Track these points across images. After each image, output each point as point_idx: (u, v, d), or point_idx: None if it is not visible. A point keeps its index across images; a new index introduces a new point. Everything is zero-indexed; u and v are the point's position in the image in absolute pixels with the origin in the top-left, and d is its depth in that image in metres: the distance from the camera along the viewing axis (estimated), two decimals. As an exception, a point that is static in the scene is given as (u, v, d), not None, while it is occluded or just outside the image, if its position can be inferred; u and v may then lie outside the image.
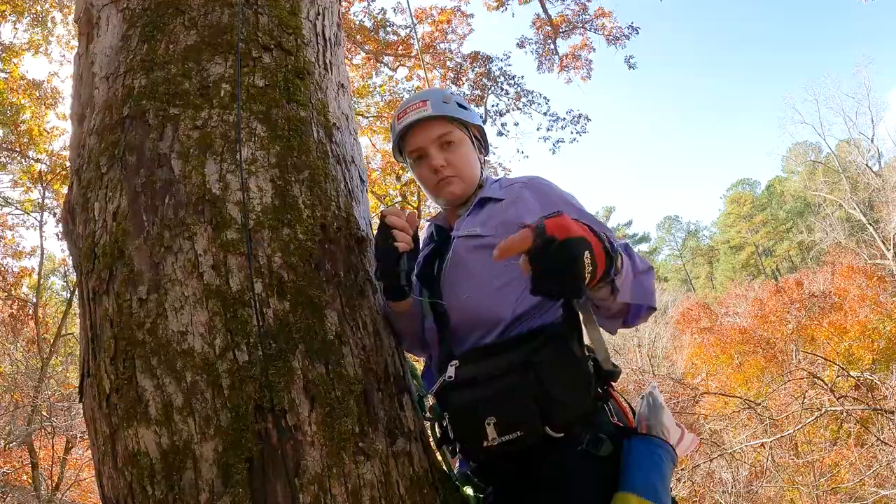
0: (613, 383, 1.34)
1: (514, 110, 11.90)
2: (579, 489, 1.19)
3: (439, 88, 1.53)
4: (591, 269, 1.01)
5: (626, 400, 1.38)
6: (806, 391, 9.10)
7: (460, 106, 1.54)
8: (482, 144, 1.62)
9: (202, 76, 1.33)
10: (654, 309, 1.27)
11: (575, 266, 0.98)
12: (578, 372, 1.22)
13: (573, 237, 0.99)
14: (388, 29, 11.22)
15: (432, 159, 1.49)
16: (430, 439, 1.31)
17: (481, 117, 1.61)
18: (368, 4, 11.19)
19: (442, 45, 11.72)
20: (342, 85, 1.62)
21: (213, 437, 1.03)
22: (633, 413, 1.36)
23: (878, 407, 8.85)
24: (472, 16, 11.85)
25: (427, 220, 1.72)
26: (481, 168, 1.58)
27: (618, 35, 11.29)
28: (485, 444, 1.17)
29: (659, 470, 1.19)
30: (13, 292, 11.33)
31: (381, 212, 1.37)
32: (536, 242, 0.98)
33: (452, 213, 1.59)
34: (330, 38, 1.61)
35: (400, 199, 11.92)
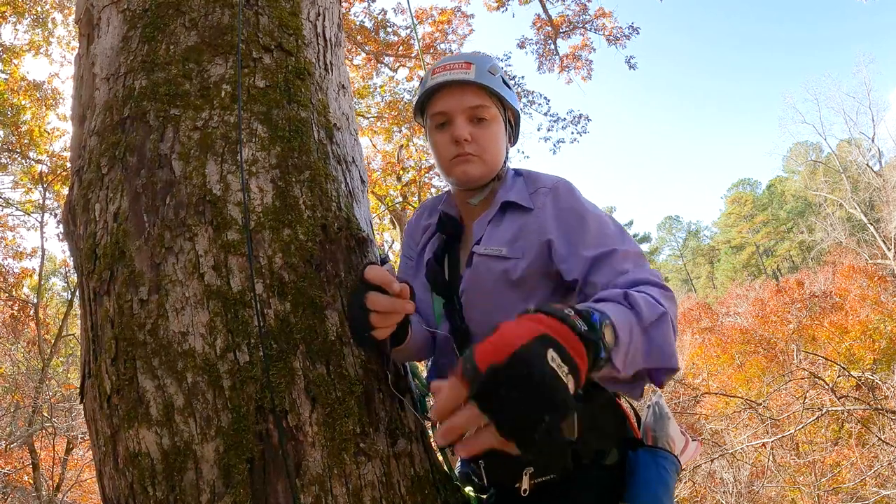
0: None
1: (514, 110, 11.88)
2: (583, 497, 1.19)
3: (489, 56, 1.49)
4: (567, 369, 0.69)
5: (631, 405, 1.37)
6: (807, 391, 9.09)
7: (505, 84, 1.36)
8: (513, 133, 1.43)
9: (203, 77, 1.33)
10: (675, 370, 0.96)
11: (538, 387, 0.66)
12: (611, 415, 1.21)
13: (521, 347, 0.68)
14: (389, 29, 11.24)
15: (457, 129, 1.30)
16: (431, 439, 1.31)
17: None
18: (369, 5, 11.20)
19: (442, 46, 11.73)
20: (343, 85, 1.62)
21: (214, 437, 1.03)
22: (638, 421, 1.36)
23: (880, 407, 8.84)
24: (472, 16, 11.89)
25: (429, 202, 1.56)
26: (506, 158, 1.41)
27: (618, 35, 11.30)
28: (517, 485, 1.16)
29: (664, 483, 1.18)
30: (14, 293, 11.33)
31: (364, 275, 1.14)
32: (472, 385, 0.68)
33: (463, 200, 1.42)
34: (330, 39, 1.61)
35: (400, 199, 11.92)
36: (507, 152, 1.41)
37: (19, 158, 10.61)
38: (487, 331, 1.21)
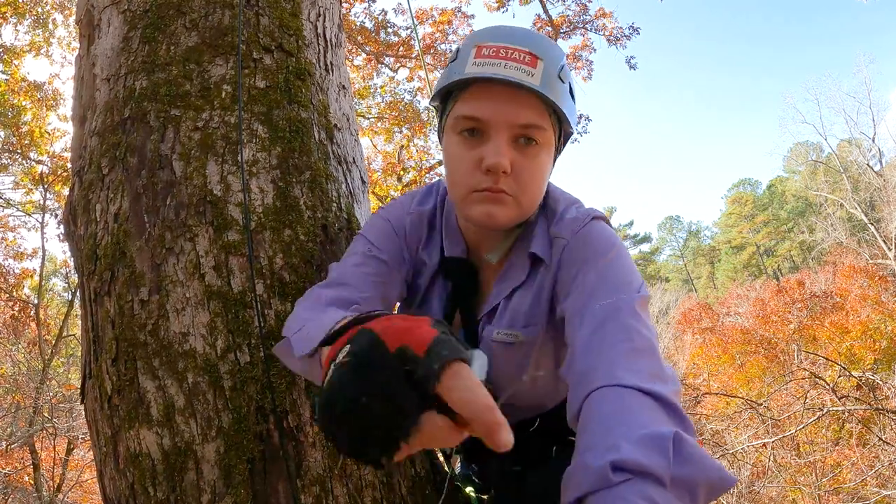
0: None
1: (514, 111, 11.89)
2: None
3: (559, 48, 0.94)
4: None
5: None
6: (808, 391, 9.09)
7: (571, 93, 0.98)
8: (556, 155, 1.04)
9: (203, 77, 1.34)
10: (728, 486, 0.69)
11: None
12: None
13: None
14: (389, 30, 11.24)
15: (494, 153, 0.90)
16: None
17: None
18: (369, 5, 11.20)
19: (443, 46, 11.73)
20: (343, 86, 1.62)
21: (215, 438, 1.03)
22: None
23: (880, 407, 8.83)
24: (472, 17, 11.88)
25: (422, 216, 1.15)
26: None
27: (618, 35, 11.30)
28: None
29: None
30: (15, 294, 11.33)
31: (436, 388, 0.47)
32: None
33: (474, 240, 1.08)
34: (331, 40, 1.61)
35: (401, 199, 11.91)
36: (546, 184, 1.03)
37: (20, 159, 10.62)
38: (511, 398, 1.13)
